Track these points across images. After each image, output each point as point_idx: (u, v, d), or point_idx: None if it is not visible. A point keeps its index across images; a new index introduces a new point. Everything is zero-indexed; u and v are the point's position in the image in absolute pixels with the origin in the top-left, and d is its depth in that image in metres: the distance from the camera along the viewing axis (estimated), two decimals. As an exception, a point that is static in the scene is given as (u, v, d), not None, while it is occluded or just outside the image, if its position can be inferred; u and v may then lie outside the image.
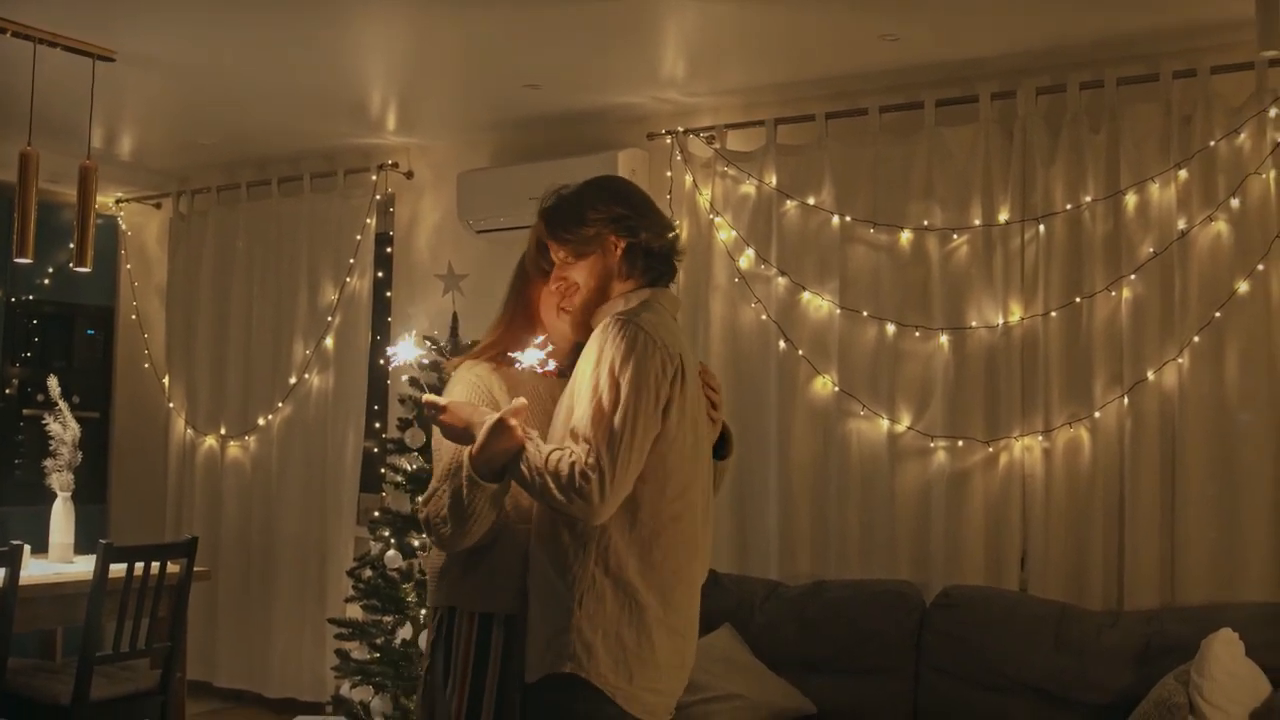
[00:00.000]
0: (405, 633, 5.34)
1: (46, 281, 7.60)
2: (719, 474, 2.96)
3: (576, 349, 2.85)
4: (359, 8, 4.70)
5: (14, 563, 4.58)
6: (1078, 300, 4.86)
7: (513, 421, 2.57)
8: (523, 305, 2.95)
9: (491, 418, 2.59)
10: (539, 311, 2.92)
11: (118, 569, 4.82)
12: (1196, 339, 4.63)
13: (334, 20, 4.81)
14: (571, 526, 2.62)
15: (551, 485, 2.52)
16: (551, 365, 2.75)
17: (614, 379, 2.57)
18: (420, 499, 2.80)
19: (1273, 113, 4.54)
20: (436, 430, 2.83)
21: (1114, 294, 4.80)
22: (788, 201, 5.43)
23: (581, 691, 2.59)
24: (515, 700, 2.74)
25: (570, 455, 2.53)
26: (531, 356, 2.69)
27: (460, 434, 2.66)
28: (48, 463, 5.50)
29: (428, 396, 2.75)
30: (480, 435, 2.59)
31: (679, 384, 2.65)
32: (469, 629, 2.78)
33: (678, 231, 2.94)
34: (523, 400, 2.61)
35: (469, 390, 2.84)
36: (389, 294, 6.80)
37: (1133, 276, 4.75)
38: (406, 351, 2.86)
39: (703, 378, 2.86)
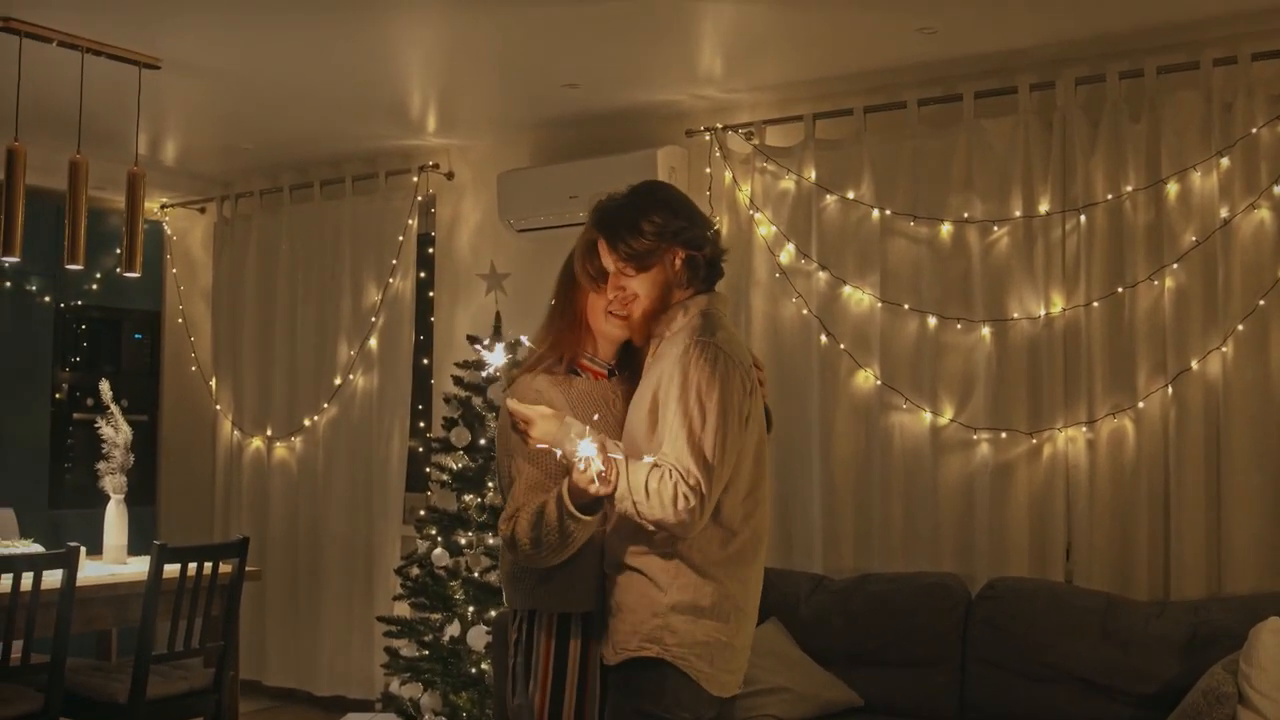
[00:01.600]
0: (453, 630, 5.40)
1: (94, 286, 7.70)
2: None
3: (629, 351, 3.03)
4: (398, 11, 4.74)
5: (71, 564, 4.66)
6: (1120, 290, 4.85)
7: (592, 489, 2.69)
8: (570, 312, 3.05)
9: (581, 450, 2.69)
10: (586, 317, 3.02)
11: (171, 569, 4.88)
12: (1240, 327, 4.61)
13: (373, 24, 4.86)
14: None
15: (654, 507, 2.69)
16: (596, 458, 2.76)
17: (702, 403, 2.73)
18: (501, 517, 2.96)
19: (1315, 99, 4.53)
20: (510, 442, 2.95)
21: (1156, 283, 4.79)
22: (827, 196, 5.44)
23: (667, 673, 2.78)
24: (596, 688, 2.93)
25: (672, 478, 2.69)
26: (586, 449, 2.72)
27: (549, 449, 2.79)
28: (100, 465, 5.57)
29: (513, 405, 2.83)
30: (576, 479, 2.72)
31: (753, 396, 2.84)
32: (549, 628, 2.95)
33: (718, 230, 3.05)
34: (594, 459, 2.68)
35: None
36: (431, 294, 6.86)
37: (1175, 266, 4.74)
38: (496, 358, 2.95)
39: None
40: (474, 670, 5.34)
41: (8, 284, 7.52)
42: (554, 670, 2.94)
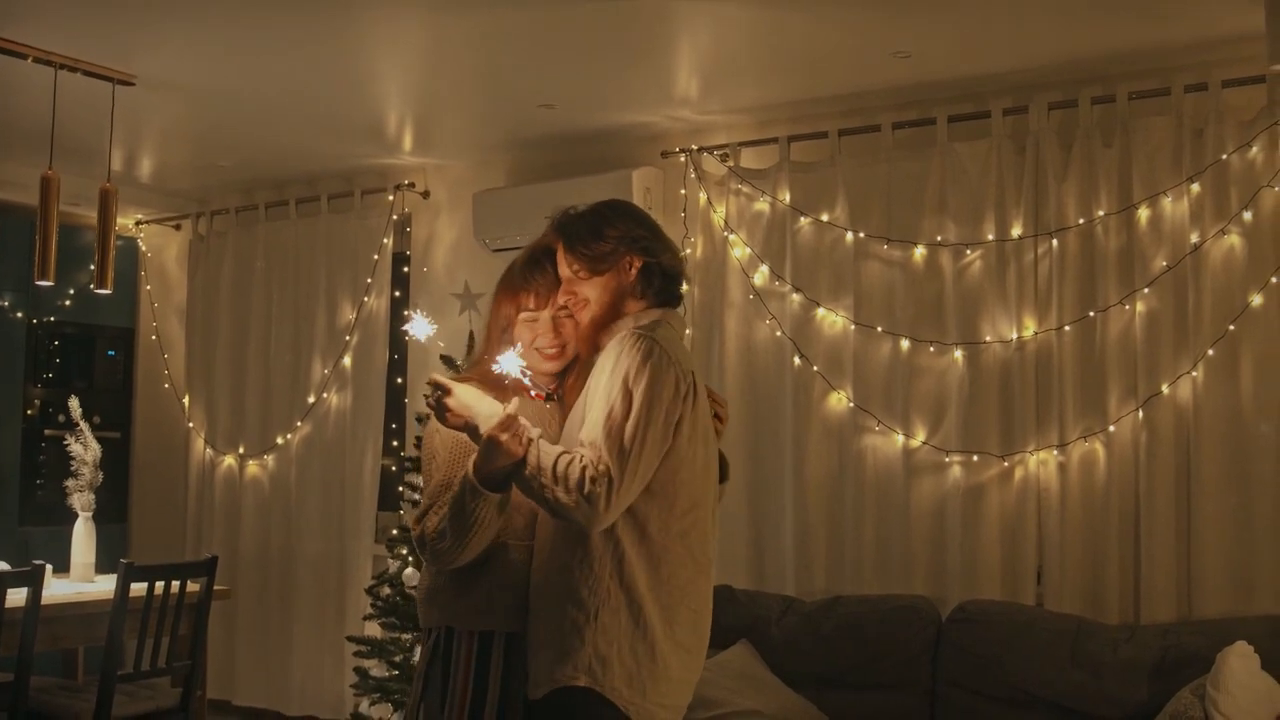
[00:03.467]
0: (424, 650, 5.37)
1: (67, 303, 7.67)
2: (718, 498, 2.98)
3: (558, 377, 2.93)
4: (375, 31, 4.75)
5: (36, 582, 4.62)
6: (1091, 314, 4.87)
7: (503, 436, 2.57)
8: (500, 322, 2.95)
9: (488, 426, 2.59)
10: (514, 330, 2.92)
11: (139, 588, 4.85)
12: (1210, 352, 4.64)
13: (350, 43, 4.86)
14: (587, 542, 2.64)
15: (558, 490, 2.54)
16: (522, 374, 2.70)
17: (627, 389, 2.62)
18: (413, 518, 2.81)
19: (1284, 125, 4.56)
20: (432, 444, 2.86)
21: (1127, 308, 4.81)
22: (801, 218, 5.45)
23: (594, 705, 2.61)
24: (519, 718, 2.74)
25: (580, 461, 2.56)
26: (510, 363, 2.65)
27: (462, 424, 2.66)
28: (69, 483, 5.54)
29: (435, 376, 2.71)
30: (493, 428, 2.59)
31: (690, 401, 2.71)
32: (468, 648, 2.77)
33: (684, 256, 2.98)
34: (513, 408, 2.58)
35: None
36: (406, 313, 6.84)
37: (1146, 290, 4.76)
38: (420, 328, 2.79)
39: (710, 398, 2.91)
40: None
41: (-21, 299, 7.49)
42: (473, 696, 2.73)
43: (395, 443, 6.83)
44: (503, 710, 2.74)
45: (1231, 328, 4.61)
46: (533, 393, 2.74)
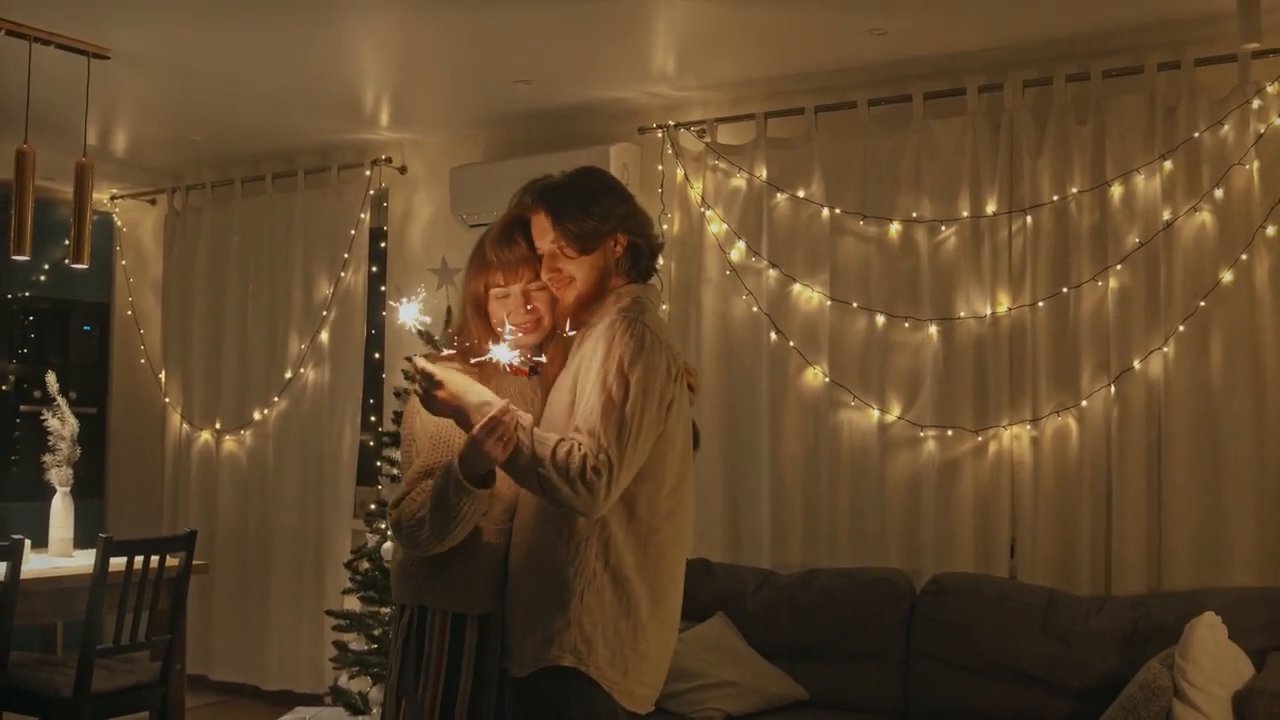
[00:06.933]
0: (402, 624, 5.39)
1: (43, 278, 7.63)
2: None
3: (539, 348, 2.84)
4: (351, 5, 4.73)
5: (15, 557, 4.62)
6: (1064, 290, 4.91)
7: (488, 442, 2.52)
8: (473, 299, 2.87)
9: (488, 410, 2.54)
10: (488, 308, 2.84)
11: (117, 563, 4.85)
12: (1182, 328, 4.69)
13: (326, 18, 4.85)
14: (572, 523, 2.62)
15: (556, 478, 2.51)
16: (518, 360, 2.66)
17: (623, 376, 2.59)
18: (391, 500, 2.76)
19: (1255, 104, 4.61)
20: (412, 428, 2.80)
21: (1100, 284, 4.85)
22: (778, 194, 5.48)
23: (578, 684, 2.62)
24: (489, 700, 2.74)
25: (580, 449, 2.53)
26: (504, 354, 2.61)
27: (452, 413, 2.60)
28: (46, 458, 5.52)
29: (421, 363, 2.62)
30: (475, 430, 2.54)
31: (680, 383, 2.70)
32: (442, 629, 2.75)
33: (661, 230, 2.97)
34: (499, 410, 2.54)
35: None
36: (383, 288, 6.84)
37: (1118, 267, 4.81)
38: (408, 313, 2.73)
39: None
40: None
41: (-47, 274, 7.45)
42: (447, 673, 2.72)
43: (373, 418, 6.83)
44: (476, 686, 2.74)
45: (1202, 304, 4.66)
46: (513, 362, 2.67)
